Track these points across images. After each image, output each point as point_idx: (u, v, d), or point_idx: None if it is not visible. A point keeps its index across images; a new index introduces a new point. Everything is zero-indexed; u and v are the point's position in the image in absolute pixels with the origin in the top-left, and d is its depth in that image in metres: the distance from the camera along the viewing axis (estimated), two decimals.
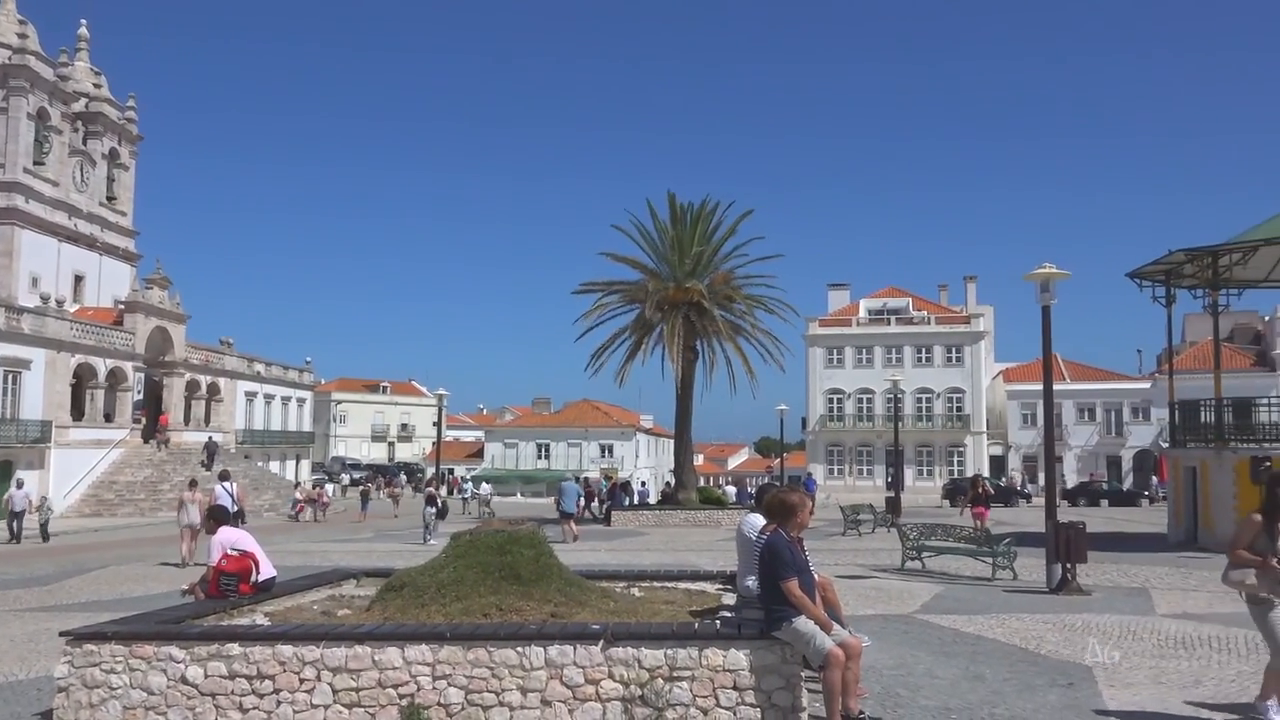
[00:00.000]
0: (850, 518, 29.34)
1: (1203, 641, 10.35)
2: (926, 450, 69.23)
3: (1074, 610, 12.70)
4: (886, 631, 10.91)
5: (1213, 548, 21.71)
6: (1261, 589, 6.71)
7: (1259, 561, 6.68)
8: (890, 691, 8.04)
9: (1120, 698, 7.86)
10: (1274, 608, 6.72)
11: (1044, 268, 15.45)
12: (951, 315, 71.48)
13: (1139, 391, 66.39)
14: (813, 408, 71.01)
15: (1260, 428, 23.41)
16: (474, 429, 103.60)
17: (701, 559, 19.36)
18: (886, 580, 16.51)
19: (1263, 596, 6.74)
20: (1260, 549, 6.73)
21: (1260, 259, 24.30)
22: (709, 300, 35.72)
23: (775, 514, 7.19)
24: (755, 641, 6.96)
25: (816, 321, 71.51)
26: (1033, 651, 9.88)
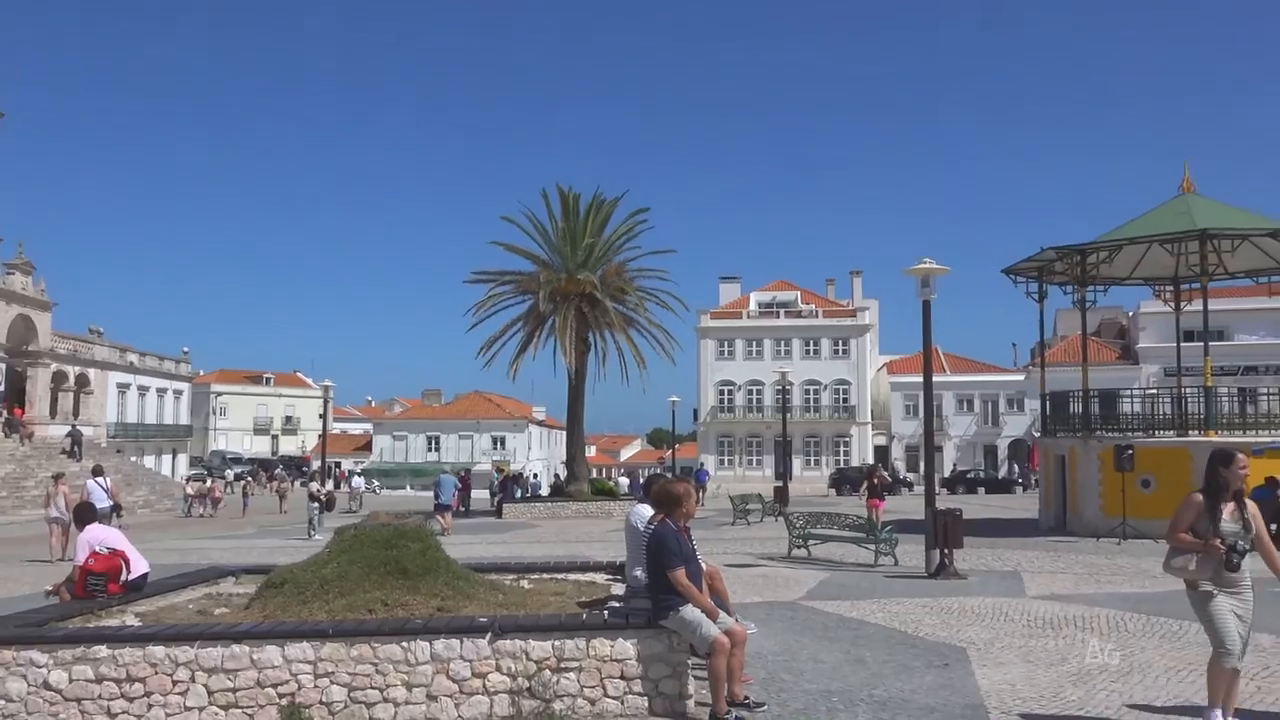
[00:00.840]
0: (739, 507, 29.79)
1: (1068, 621, 10.85)
2: (814, 440, 70.79)
3: (951, 594, 13.16)
4: (772, 618, 11.11)
5: (1080, 532, 22.81)
6: (1204, 575, 6.24)
7: (1202, 545, 6.24)
8: (775, 676, 8.20)
9: (991, 676, 8.18)
10: (1213, 597, 6.25)
11: (924, 263, 15.94)
12: (838, 309, 73.22)
13: (1014, 383, 69.16)
14: (704, 399, 71.85)
15: (1124, 417, 24.61)
16: (362, 421, 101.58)
17: (593, 550, 19.41)
18: (773, 568, 16.84)
19: (1204, 587, 6.26)
20: (1201, 532, 6.29)
21: (1124, 257, 25.54)
22: (602, 292, 35.79)
23: (662, 504, 7.25)
24: (642, 631, 7.02)
25: (708, 314, 72.34)
26: (911, 634, 10.21)
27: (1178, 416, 23.05)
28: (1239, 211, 24.42)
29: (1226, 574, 6.22)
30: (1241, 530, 6.30)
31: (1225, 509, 6.31)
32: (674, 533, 7.04)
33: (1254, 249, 24.34)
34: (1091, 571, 15.76)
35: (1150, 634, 10.05)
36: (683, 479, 7.96)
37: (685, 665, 7.04)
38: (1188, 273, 25.54)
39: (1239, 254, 24.49)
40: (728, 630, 6.95)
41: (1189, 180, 25.39)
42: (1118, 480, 21.31)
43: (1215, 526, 6.26)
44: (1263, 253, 24.81)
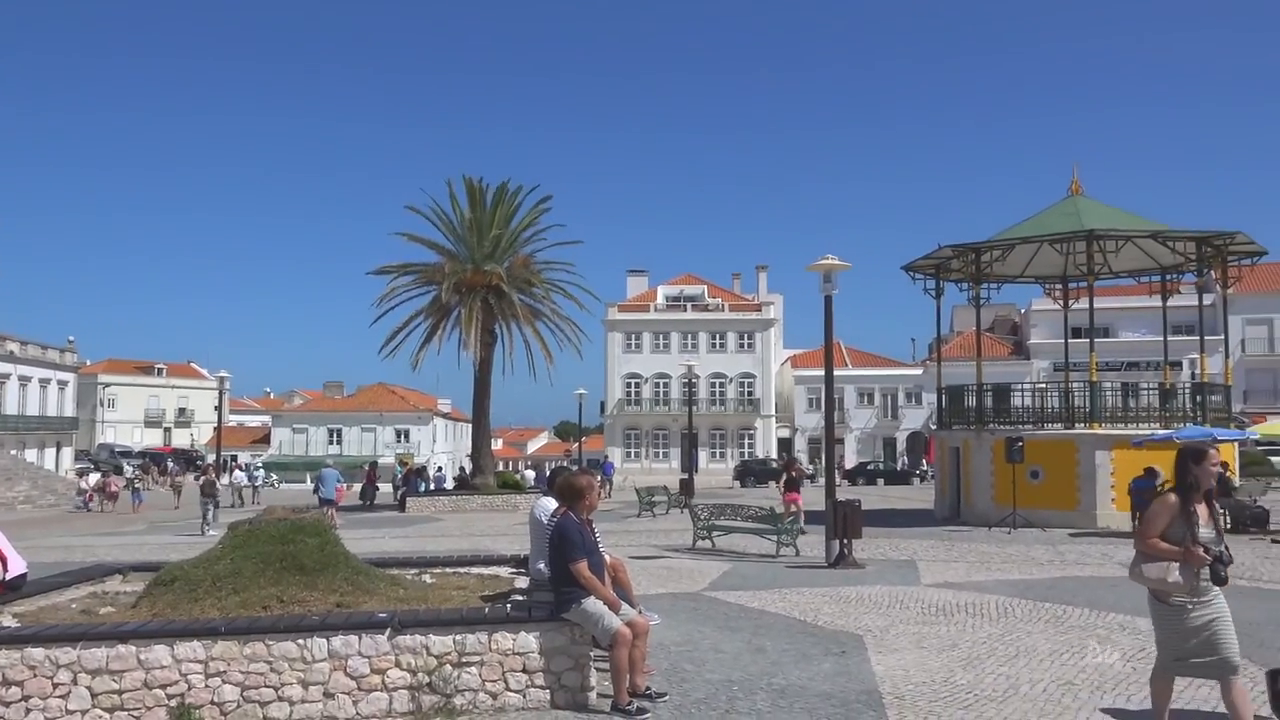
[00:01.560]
0: (645, 500, 29.96)
1: (960, 608, 11.20)
2: (720, 433, 71.57)
3: (849, 583, 13.46)
4: (676, 609, 11.20)
5: (973, 521, 23.56)
6: (1183, 588, 5.53)
7: (1179, 552, 5.52)
8: (677, 667, 8.27)
9: (886, 662, 8.40)
10: (1187, 613, 5.59)
11: (826, 259, 16.23)
12: (744, 303, 74.13)
13: (912, 377, 71.09)
14: (611, 392, 72.01)
15: (1015, 411, 25.47)
16: (260, 414, 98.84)
17: (498, 544, 19.30)
18: (678, 560, 16.98)
19: (1177, 599, 5.59)
20: (1176, 536, 5.58)
21: (1016, 256, 26.42)
22: (508, 284, 35.51)
23: (565, 497, 7.26)
24: (545, 624, 7.01)
25: (615, 307, 72.49)
26: (811, 623, 10.41)
27: (1065, 410, 23.94)
28: (1123, 214, 25.48)
29: (1201, 584, 5.59)
30: (1215, 535, 5.66)
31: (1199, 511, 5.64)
32: (577, 525, 7.04)
33: (1137, 250, 25.43)
34: (983, 560, 16.28)
35: (1036, 619, 10.44)
36: (586, 472, 7.97)
37: (588, 657, 7.06)
38: (1075, 272, 26.60)
39: (1123, 254, 25.57)
40: (630, 622, 6.99)
41: (1077, 183, 26.42)
42: (1008, 471, 22.06)
43: (1193, 531, 5.56)
44: (1145, 253, 25.96)
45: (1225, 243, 24.07)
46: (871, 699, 7.23)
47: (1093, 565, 15.31)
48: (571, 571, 6.91)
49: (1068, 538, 19.80)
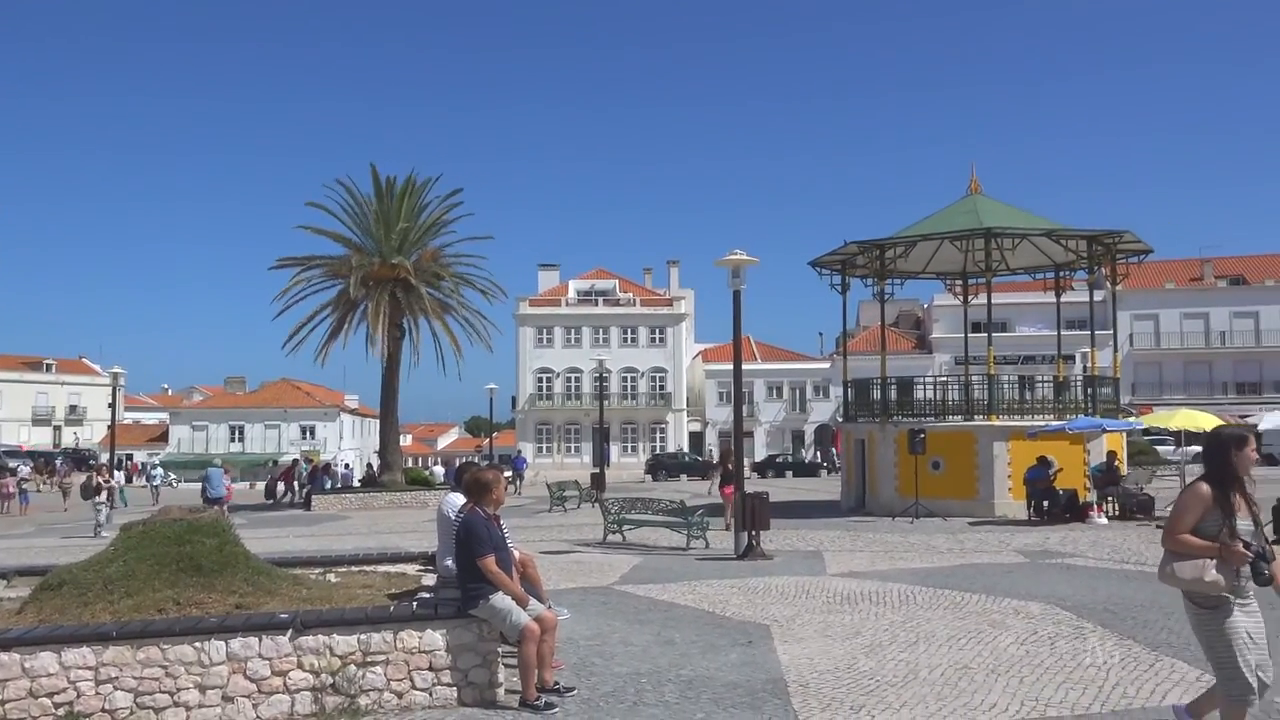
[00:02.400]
0: (556, 494, 29.90)
1: (864, 597, 11.46)
2: (631, 427, 71.82)
3: (757, 574, 13.65)
4: (585, 603, 11.22)
5: (878, 512, 24.09)
6: (1221, 588, 4.90)
7: (1218, 549, 4.91)
8: (586, 661, 8.29)
9: (792, 651, 8.56)
10: (1230, 613, 4.95)
11: (734, 254, 16.41)
12: (656, 298, 74.45)
13: (820, 371, 72.31)
14: (522, 387, 71.64)
15: (918, 403, 26.13)
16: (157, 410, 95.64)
17: (406, 541, 19.05)
18: (588, 554, 16.99)
19: (1219, 597, 4.94)
20: (1210, 530, 4.95)
21: (919, 252, 27.07)
22: (416, 277, 35.00)
23: (472, 492, 7.21)
24: (451, 621, 6.96)
25: (526, 301, 72.10)
26: (719, 614, 10.53)
27: (965, 402, 24.67)
28: (1020, 212, 26.31)
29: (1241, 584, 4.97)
30: (1254, 528, 5.06)
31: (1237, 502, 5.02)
32: (484, 521, 7.00)
33: (1032, 247, 26.29)
34: (886, 549, 16.66)
35: (936, 606, 10.74)
36: (493, 466, 7.95)
37: (495, 654, 7.03)
38: (975, 268, 27.33)
39: (1019, 252, 26.38)
40: (538, 617, 6.98)
41: (976, 182, 27.20)
42: (911, 462, 22.63)
43: (1231, 524, 4.95)
44: (1040, 251, 26.85)
45: (1114, 241, 25.06)
46: (777, 687, 7.36)
47: (990, 553, 15.80)
48: (479, 567, 6.87)
49: (967, 526, 20.39)
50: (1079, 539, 17.38)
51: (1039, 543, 16.95)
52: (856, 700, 6.96)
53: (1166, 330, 66.55)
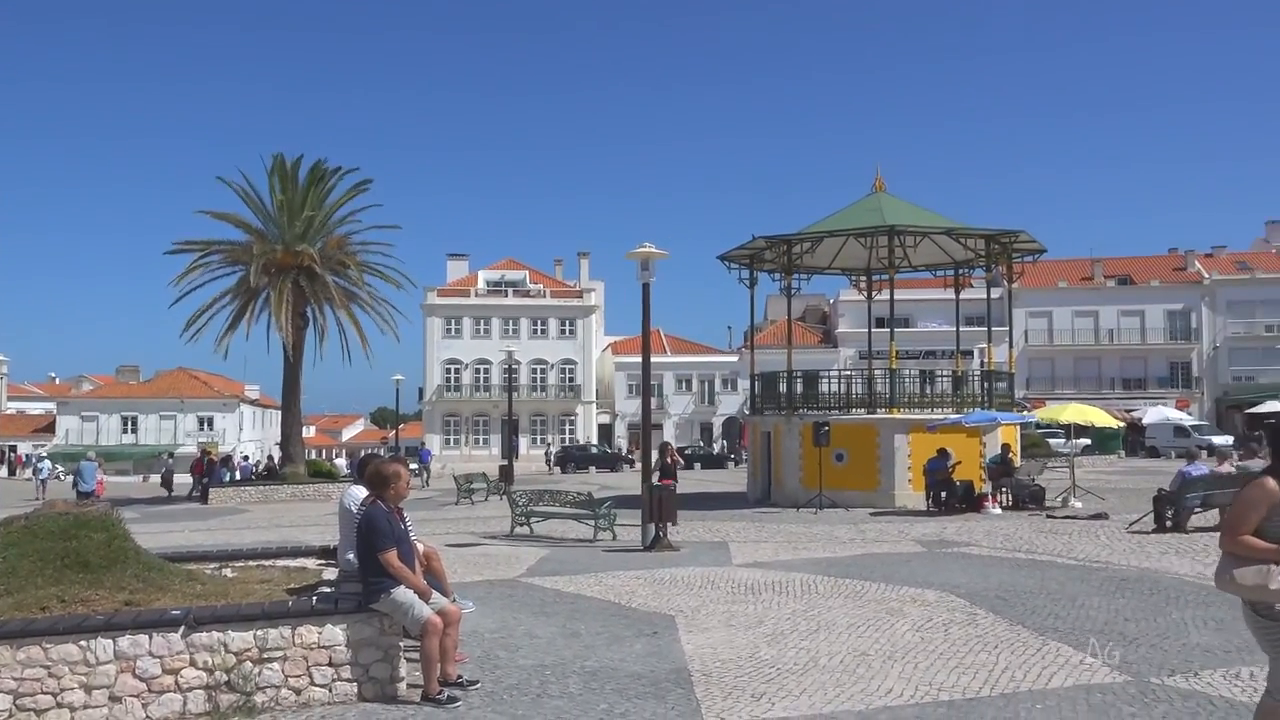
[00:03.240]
0: (464, 487, 29.63)
1: (767, 586, 11.64)
2: (540, 419, 71.54)
3: (664, 565, 13.74)
4: (491, 596, 11.15)
5: (783, 503, 24.48)
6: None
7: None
8: (490, 654, 8.24)
9: (696, 641, 8.65)
10: None
11: (644, 247, 16.46)
12: (566, 289, 74.27)
13: (728, 364, 73.17)
14: (430, 378, 70.74)
15: (823, 397, 26.56)
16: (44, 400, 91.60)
17: (307, 535, 18.68)
18: (495, 546, 16.90)
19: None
20: (1275, 533, 4.39)
21: (825, 248, 27.55)
22: (322, 266, 34.29)
23: (374, 484, 7.12)
24: (352, 615, 6.85)
25: (435, 291, 71.21)
26: (625, 606, 10.58)
27: (868, 396, 25.21)
28: (922, 210, 26.95)
29: None
30: None
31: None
32: (385, 514, 6.91)
33: (933, 245, 26.98)
34: (790, 540, 16.94)
35: (836, 595, 10.97)
36: (397, 459, 7.81)
37: (397, 648, 6.94)
38: (878, 265, 27.98)
39: (921, 249, 27.11)
40: (441, 610, 6.91)
41: (880, 180, 27.76)
42: (816, 454, 23.04)
43: None
44: (940, 249, 27.53)
45: (1011, 240, 25.87)
46: (680, 677, 7.43)
47: (890, 542, 16.20)
48: (380, 561, 6.77)
49: (868, 517, 20.85)
50: (974, 529, 17.93)
51: (936, 532, 17.43)
52: (758, 688, 7.08)
53: (1059, 327, 69.07)
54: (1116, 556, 13.56)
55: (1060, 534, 16.61)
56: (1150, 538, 15.53)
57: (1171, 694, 6.68)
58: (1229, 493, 16.33)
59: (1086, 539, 15.74)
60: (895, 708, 6.56)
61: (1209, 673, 7.18)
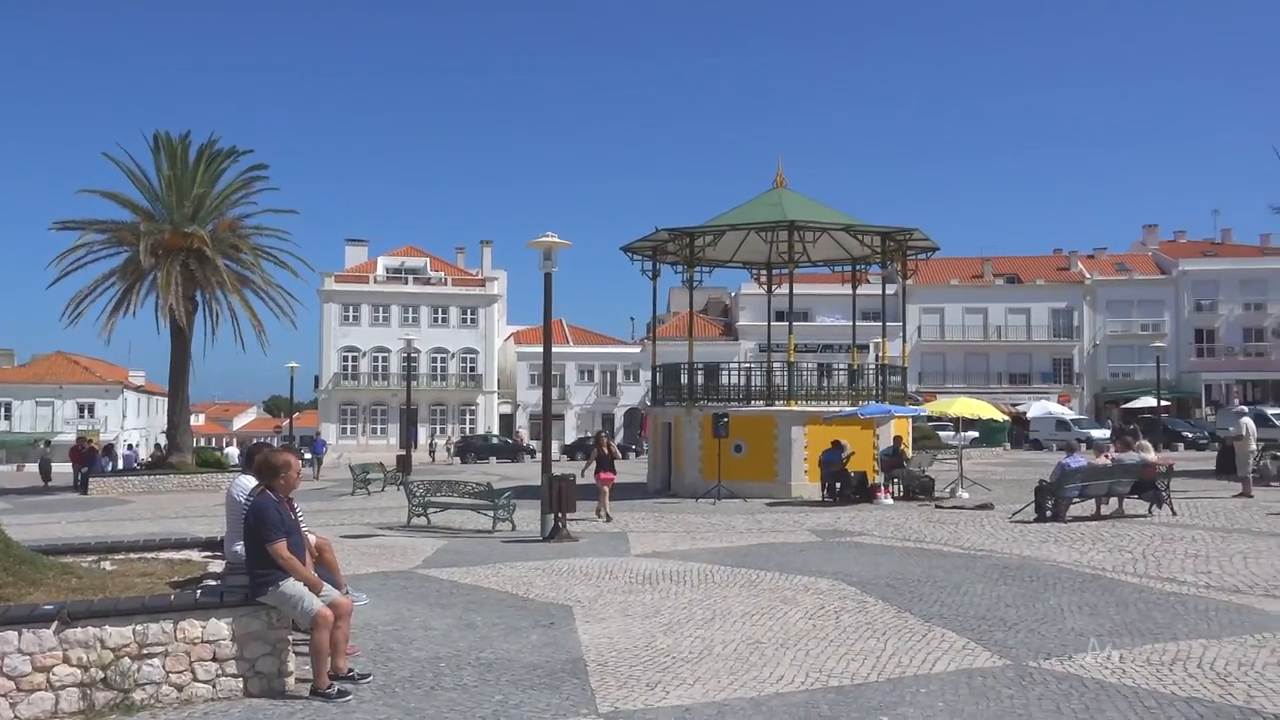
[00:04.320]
0: (360, 477, 29.08)
1: (665, 576, 11.73)
2: (440, 409, 70.63)
3: (562, 556, 13.73)
4: (386, 588, 10.98)
5: (682, 493, 24.68)
6: None
7: None
8: (384, 647, 8.12)
9: (592, 631, 8.67)
10: None
11: (546, 236, 16.38)
12: (468, 278, 73.42)
13: (631, 355, 73.40)
14: (326, 365, 69.19)
15: (724, 388, 26.92)
16: None
17: (194, 526, 18.11)
18: (391, 537, 16.64)
19: None
20: None
21: (727, 242, 27.87)
22: (213, 249, 33.13)
23: (263, 474, 6.94)
24: (238, 609, 6.68)
25: (332, 277, 69.59)
26: (522, 596, 10.54)
27: (767, 388, 25.62)
28: (821, 206, 27.46)
29: None
30: None
31: None
32: (274, 504, 6.74)
33: (832, 241, 27.52)
34: (689, 530, 17.10)
35: (732, 584, 11.12)
36: (287, 448, 7.63)
37: (286, 642, 6.79)
38: (779, 259, 28.37)
39: (820, 244, 27.54)
40: (332, 603, 6.79)
41: (781, 176, 28.16)
42: (715, 446, 23.29)
43: None
44: (838, 244, 28.09)
45: (905, 238, 26.56)
46: (576, 667, 7.44)
47: (786, 532, 16.49)
48: (268, 552, 6.61)
49: (765, 507, 21.19)
50: (867, 518, 18.38)
51: (831, 522, 17.82)
52: (653, 677, 7.13)
53: (950, 323, 71.22)
54: (1000, 545, 14.07)
55: (948, 524, 17.15)
56: (1031, 527, 16.15)
57: (1047, 677, 6.96)
58: (1105, 483, 17.16)
59: (972, 528, 16.29)
60: (786, 694, 6.68)
61: (1082, 656, 7.50)
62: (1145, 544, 13.58)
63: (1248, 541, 13.61)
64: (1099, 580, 10.81)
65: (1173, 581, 10.64)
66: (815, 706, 6.37)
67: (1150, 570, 11.41)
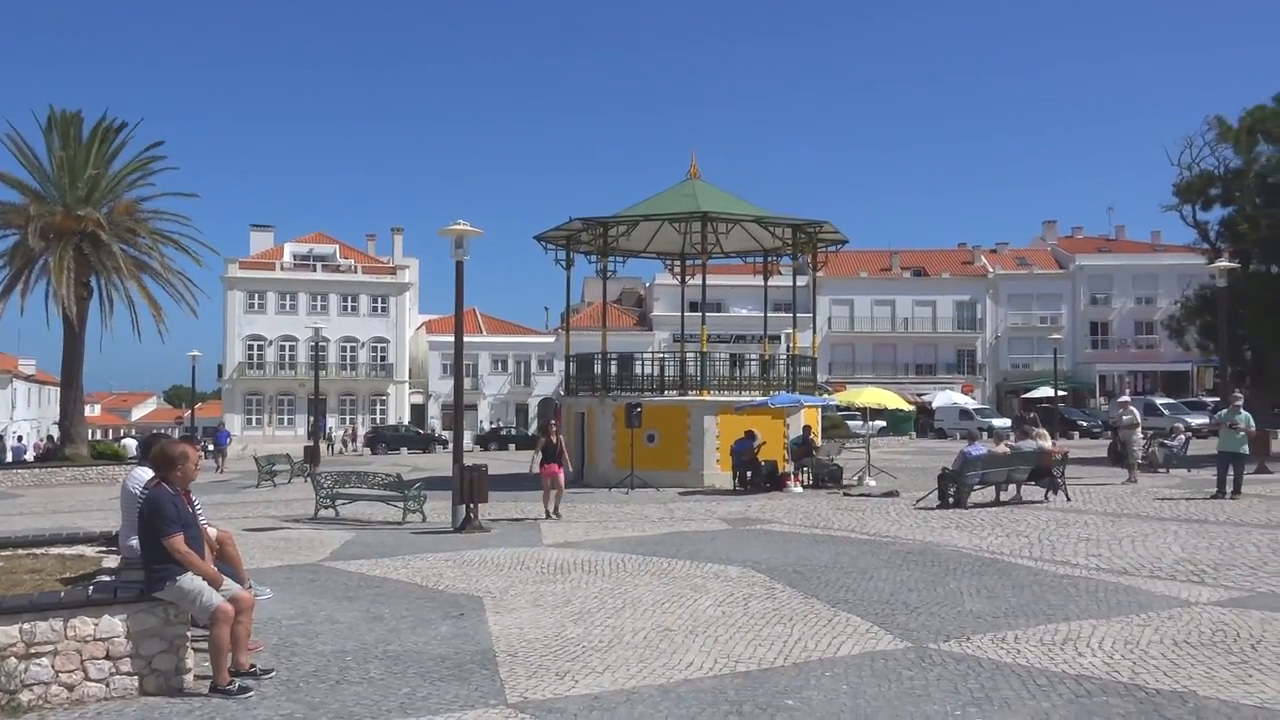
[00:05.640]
0: (265, 469, 28.41)
1: (577, 566, 11.73)
2: (350, 399, 69.37)
3: (474, 547, 13.62)
4: (291, 581, 10.76)
5: (596, 483, 24.69)
6: None
7: None
8: (287, 641, 7.95)
9: (502, 622, 8.62)
10: None
11: (458, 224, 16.18)
12: (379, 265, 72.17)
13: (545, 345, 73.05)
14: (230, 354, 67.29)
15: (637, 379, 26.97)
16: None
17: (89, 520, 17.44)
18: (298, 530, 16.30)
19: None
20: None
21: (641, 232, 27.94)
22: (108, 232, 31.93)
23: (159, 466, 6.72)
24: (133, 605, 6.46)
25: (237, 264, 67.63)
26: (432, 588, 10.43)
27: (680, 378, 25.77)
28: (734, 198, 27.68)
29: None
30: None
31: None
32: (171, 496, 6.54)
33: (744, 232, 27.76)
34: (601, 519, 17.12)
35: (644, 573, 11.18)
36: (185, 438, 7.41)
37: (184, 638, 6.60)
38: (692, 250, 28.58)
39: (733, 236, 27.84)
40: (233, 597, 6.62)
41: (695, 167, 28.26)
42: (628, 435, 23.38)
43: None
44: (751, 236, 28.37)
45: (816, 230, 26.94)
46: (485, 658, 7.39)
47: (697, 521, 16.63)
48: (165, 547, 6.41)
49: (678, 496, 21.34)
50: (776, 507, 18.66)
51: (741, 511, 18.04)
52: (563, 666, 7.13)
53: (859, 315, 72.49)
54: (904, 531, 14.43)
55: (855, 511, 17.52)
56: (934, 513, 16.60)
57: (946, 658, 7.16)
58: (1004, 470, 17.73)
59: (878, 515, 16.67)
60: (695, 680, 6.74)
61: (979, 637, 7.73)
62: (1041, 529, 14.08)
63: (1136, 525, 14.22)
64: (996, 564, 11.17)
65: (1066, 564, 11.05)
66: (723, 692, 6.44)
67: (1045, 554, 11.83)
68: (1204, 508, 16.26)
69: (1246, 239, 31.06)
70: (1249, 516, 14.94)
